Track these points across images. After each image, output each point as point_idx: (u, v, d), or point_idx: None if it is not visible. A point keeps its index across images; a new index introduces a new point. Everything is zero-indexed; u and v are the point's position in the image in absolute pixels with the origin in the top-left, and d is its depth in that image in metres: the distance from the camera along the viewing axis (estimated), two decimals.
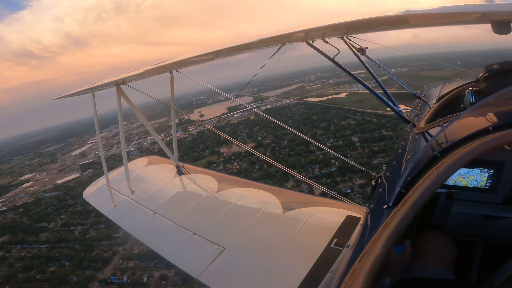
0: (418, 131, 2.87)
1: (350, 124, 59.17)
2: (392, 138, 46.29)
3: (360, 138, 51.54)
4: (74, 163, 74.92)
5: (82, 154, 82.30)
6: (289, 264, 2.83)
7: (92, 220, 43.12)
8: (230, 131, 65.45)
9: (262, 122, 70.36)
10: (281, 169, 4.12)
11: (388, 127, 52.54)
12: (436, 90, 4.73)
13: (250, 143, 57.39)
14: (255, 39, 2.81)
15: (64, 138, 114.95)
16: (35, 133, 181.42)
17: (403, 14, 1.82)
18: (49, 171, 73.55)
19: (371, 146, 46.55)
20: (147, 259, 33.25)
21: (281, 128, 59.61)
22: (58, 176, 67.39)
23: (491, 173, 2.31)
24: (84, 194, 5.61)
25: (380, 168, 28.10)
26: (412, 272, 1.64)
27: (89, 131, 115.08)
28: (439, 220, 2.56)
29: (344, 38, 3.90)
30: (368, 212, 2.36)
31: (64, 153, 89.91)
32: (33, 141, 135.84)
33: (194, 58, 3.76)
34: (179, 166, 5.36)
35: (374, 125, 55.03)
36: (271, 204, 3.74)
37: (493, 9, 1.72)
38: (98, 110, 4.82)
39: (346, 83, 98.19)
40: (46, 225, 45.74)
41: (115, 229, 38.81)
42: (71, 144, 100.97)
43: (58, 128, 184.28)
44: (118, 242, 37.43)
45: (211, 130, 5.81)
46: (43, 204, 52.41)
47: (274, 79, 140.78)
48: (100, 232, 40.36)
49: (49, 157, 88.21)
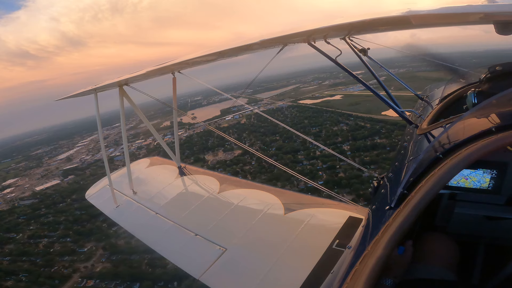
0: (421, 132, 2.86)
1: (342, 130, 57.30)
2: (385, 147, 44.87)
3: (352, 146, 49.19)
4: (58, 168, 73.48)
5: (68, 159, 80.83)
6: (291, 265, 2.82)
7: (60, 233, 42.06)
8: (218, 136, 62.48)
9: (252, 127, 68.97)
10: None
11: (381, 134, 50.77)
12: (438, 91, 4.71)
13: (236, 149, 56.06)
14: (257, 40, 2.82)
15: (55, 140, 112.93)
16: (30, 134, 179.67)
17: (406, 14, 1.82)
18: (31, 176, 71.65)
19: (362, 157, 43.69)
20: (108, 279, 31.47)
21: (271, 134, 59.00)
22: (39, 182, 65.69)
23: (494, 174, 2.30)
24: (86, 194, 5.63)
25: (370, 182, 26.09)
26: (414, 273, 1.64)
27: (81, 132, 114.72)
28: (442, 221, 2.55)
29: (346, 39, 3.90)
30: (370, 213, 2.35)
31: (51, 156, 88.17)
32: (26, 142, 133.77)
33: (196, 59, 3.77)
34: (181, 167, 5.37)
35: (368, 131, 53.14)
36: (272, 205, 3.74)
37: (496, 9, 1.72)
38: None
39: (342, 84, 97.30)
40: (14, 236, 44.02)
41: (81, 244, 38.30)
42: (61, 147, 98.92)
43: (53, 129, 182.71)
44: (82, 259, 36.05)
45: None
46: (17, 213, 50.79)
47: (271, 79, 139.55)
48: (65, 247, 38.97)
49: (36, 161, 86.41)
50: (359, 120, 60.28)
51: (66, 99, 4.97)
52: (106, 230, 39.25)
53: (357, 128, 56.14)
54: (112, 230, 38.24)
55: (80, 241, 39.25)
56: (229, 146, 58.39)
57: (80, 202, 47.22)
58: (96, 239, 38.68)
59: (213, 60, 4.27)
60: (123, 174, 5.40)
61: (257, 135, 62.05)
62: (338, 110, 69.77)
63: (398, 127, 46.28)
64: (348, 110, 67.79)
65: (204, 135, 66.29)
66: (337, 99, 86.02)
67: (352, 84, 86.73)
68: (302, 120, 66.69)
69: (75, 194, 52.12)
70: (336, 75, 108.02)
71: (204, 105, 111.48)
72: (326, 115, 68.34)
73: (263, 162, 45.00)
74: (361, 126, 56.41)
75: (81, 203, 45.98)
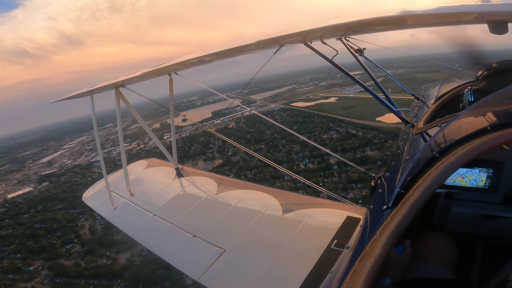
0: (417, 131, 2.87)
1: (331, 138, 53.29)
2: (376, 161, 39.84)
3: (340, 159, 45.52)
4: (36, 173, 68.83)
5: (49, 163, 76.01)
6: (290, 266, 2.82)
7: (13, 248, 39.04)
8: (203, 141, 60.96)
9: (238, 132, 66.42)
10: None
11: (374, 144, 46.72)
12: (434, 90, 4.74)
13: (218, 159, 53.53)
14: (253, 41, 2.82)
15: (45, 141, 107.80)
16: (25, 134, 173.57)
17: (401, 14, 1.83)
18: (9, 182, 67.05)
19: (349, 173, 39.09)
20: None
21: (256, 142, 55.59)
22: (14, 189, 61.29)
23: (490, 173, 2.32)
24: (83, 197, 5.59)
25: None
26: (412, 272, 1.64)
27: (71, 133, 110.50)
28: (439, 220, 2.56)
29: (342, 39, 3.91)
30: (368, 213, 2.36)
31: (35, 159, 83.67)
32: (18, 142, 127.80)
33: (193, 60, 3.77)
34: (178, 169, 5.35)
35: (359, 140, 49.20)
36: (271, 205, 3.73)
37: (489, 9, 1.73)
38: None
39: (339, 85, 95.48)
40: None
41: (29, 262, 35.72)
42: (48, 149, 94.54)
43: (48, 129, 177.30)
44: (25, 278, 33.42)
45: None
46: None
47: (268, 79, 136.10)
48: (12, 264, 36.02)
49: (19, 164, 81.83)
50: (351, 127, 56.96)
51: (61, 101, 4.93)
52: (59, 247, 37.38)
53: (347, 136, 52.34)
54: (64, 249, 36.76)
55: (29, 259, 36.52)
56: (211, 155, 55.52)
57: (43, 214, 45.21)
58: (46, 258, 35.96)
59: (210, 61, 4.26)
60: (120, 176, 5.37)
61: (242, 142, 55.91)
62: (330, 114, 66.58)
63: (392, 136, 43.81)
64: (341, 115, 65.06)
65: (189, 141, 63.61)
66: (331, 102, 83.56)
67: (348, 86, 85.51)
68: (292, 126, 59.34)
69: (42, 204, 49.42)
70: (333, 75, 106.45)
71: (198, 106, 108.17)
72: (317, 120, 65.36)
73: (242, 176, 42.98)
74: (352, 134, 53.05)
75: (44, 215, 44.19)
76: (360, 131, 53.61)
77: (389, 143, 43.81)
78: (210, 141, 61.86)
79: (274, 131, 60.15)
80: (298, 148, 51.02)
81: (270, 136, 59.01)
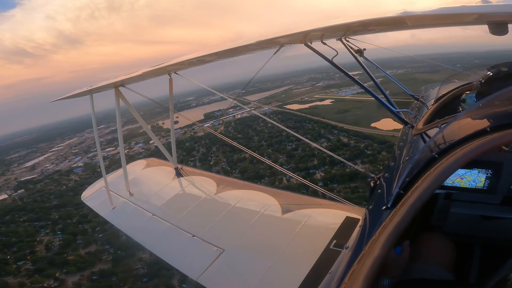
0: (416, 132, 2.87)
1: (319, 151, 44.15)
2: (365, 178, 31.96)
3: (326, 175, 39.42)
4: (17, 179, 64.30)
5: (33, 167, 72.01)
6: (288, 266, 2.82)
7: None
8: (188, 147, 58.46)
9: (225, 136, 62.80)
10: None
11: (365, 156, 42.07)
12: (434, 91, 4.75)
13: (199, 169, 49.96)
14: (254, 41, 2.82)
15: (36, 143, 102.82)
16: (21, 133, 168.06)
17: (401, 15, 1.83)
18: None
19: (336, 191, 32.66)
20: None
21: (240, 151, 47.24)
22: None
23: (489, 174, 2.32)
24: (82, 196, 5.58)
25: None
26: (411, 273, 1.64)
27: (63, 135, 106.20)
28: (438, 221, 2.56)
29: (342, 39, 3.91)
30: (367, 213, 2.36)
31: (21, 163, 78.93)
32: (14, 142, 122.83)
33: (193, 60, 3.76)
34: (177, 168, 5.35)
35: (350, 151, 44.72)
36: (270, 206, 3.73)
37: (490, 10, 1.73)
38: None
39: (336, 86, 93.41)
40: None
41: None
42: (37, 151, 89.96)
43: (45, 128, 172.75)
44: None
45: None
46: None
47: (267, 79, 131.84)
48: None
49: (4, 168, 76.59)
50: (343, 134, 52.56)
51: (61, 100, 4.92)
52: (11, 263, 34.48)
53: (338, 146, 47.19)
54: (15, 265, 33.91)
55: None
56: (192, 164, 48.81)
57: (7, 225, 41.74)
58: None
59: (210, 61, 4.26)
60: (120, 175, 5.36)
61: (225, 151, 51.80)
62: (323, 119, 62.42)
63: (386, 147, 40.51)
64: (335, 119, 61.04)
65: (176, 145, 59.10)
66: (326, 104, 79.84)
67: (345, 87, 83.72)
68: (281, 132, 53.98)
69: (10, 214, 45.80)
70: (331, 75, 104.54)
71: (193, 107, 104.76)
72: (309, 126, 60.64)
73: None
74: (344, 144, 48.44)
75: (8, 227, 40.94)
76: (353, 139, 49.77)
77: (383, 154, 40.31)
78: (195, 146, 59.39)
79: (262, 137, 57.31)
80: (283, 159, 46.98)
81: (257, 143, 54.71)
